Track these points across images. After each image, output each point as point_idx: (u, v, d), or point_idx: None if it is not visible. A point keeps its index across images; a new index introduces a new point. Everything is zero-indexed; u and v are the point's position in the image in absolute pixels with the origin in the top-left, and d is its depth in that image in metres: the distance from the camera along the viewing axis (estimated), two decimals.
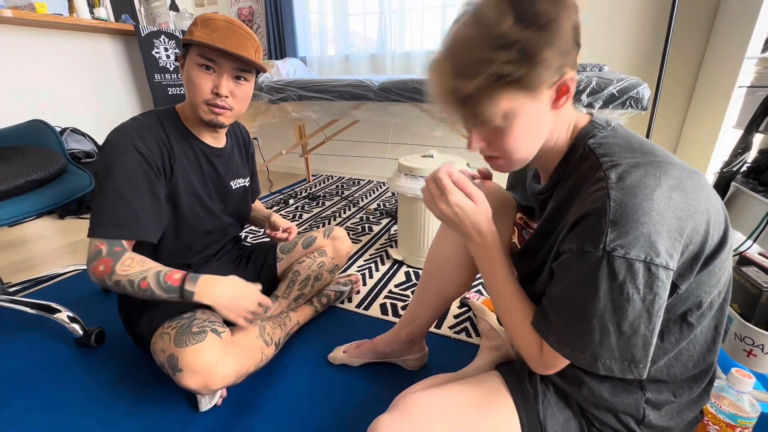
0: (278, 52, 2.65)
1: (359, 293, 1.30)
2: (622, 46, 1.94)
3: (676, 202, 0.42)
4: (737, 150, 0.87)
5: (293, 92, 1.80)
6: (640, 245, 0.41)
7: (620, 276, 0.42)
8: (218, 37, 0.77)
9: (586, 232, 0.45)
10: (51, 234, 1.88)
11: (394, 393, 0.66)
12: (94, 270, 0.74)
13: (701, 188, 0.45)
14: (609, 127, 0.52)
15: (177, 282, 0.75)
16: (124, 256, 0.75)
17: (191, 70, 0.80)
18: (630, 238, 0.41)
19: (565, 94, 0.48)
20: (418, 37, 2.34)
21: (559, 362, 0.52)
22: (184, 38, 0.80)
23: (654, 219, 0.41)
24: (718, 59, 1.65)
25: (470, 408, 0.59)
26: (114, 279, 0.73)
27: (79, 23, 2.05)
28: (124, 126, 0.81)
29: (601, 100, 1.27)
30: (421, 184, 1.31)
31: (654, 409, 0.54)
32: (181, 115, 0.88)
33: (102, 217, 0.75)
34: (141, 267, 0.75)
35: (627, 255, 0.41)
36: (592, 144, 0.50)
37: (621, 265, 0.42)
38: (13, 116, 1.43)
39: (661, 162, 0.45)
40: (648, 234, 0.41)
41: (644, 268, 0.42)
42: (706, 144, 1.63)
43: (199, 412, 0.84)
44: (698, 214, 0.43)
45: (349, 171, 2.89)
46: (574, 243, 0.46)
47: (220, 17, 0.80)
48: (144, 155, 0.78)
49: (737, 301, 0.80)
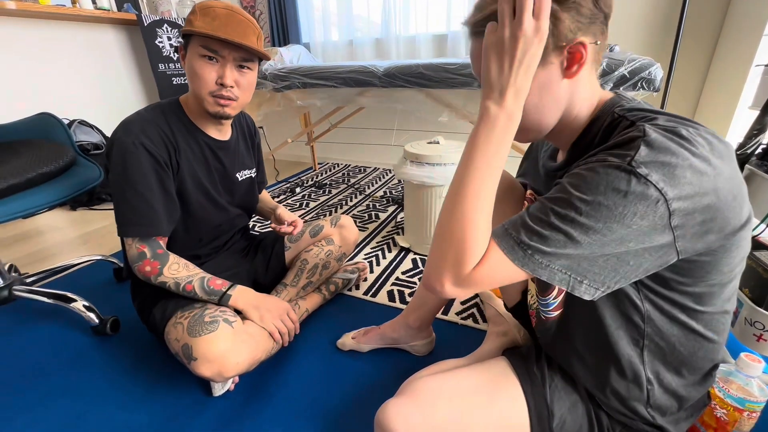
0: (281, 38, 2.62)
1: (366, 280, 1.31)
2: (634, 24, 1.87)
3: (705, 158, 0.40)
4: (752, 131, 0.85)
5: (297, 80, 1.78)
6: (663, 174, 0.39)
7: (630, 189, 0.40)
8: (219, 25, 0.76)
9: (611, 149, 0.43)
10: (64, 225, 1.92)
11: (402, 378, 0.67)
12: (140, 269, 0.82)
13: (729, 158, 0.43)
14: (635, 101, 0.51)
15: (220, 287, 0.86)
16: (170, 261, 0.83)
17: (193, 61, 0.79)
18: (658, 163, 0.39)
19: (578, 62, 0.46)
20: (423, 20, 2.29)
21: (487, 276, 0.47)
22: (183, 29, 0.79)
23: (682, 162, 0.39)
24: (734, 36, 1.59)
25: (478, 392, 0.60)
26: (160, 280, 0.82)
27: (81, 13, 2.04)
28: (128, 123, 0.80)
29: (611, 82, 1.24)
30: (427, 170, 1.30)
31: (658, 389, 0.54)
32: (184, 107, 0.88)
33: (128, 218, 0.79)
34: (186, 272, 0.84)
35: (649, 177, 0.39)
36: (620, 110, 0.49)
37: (638, 182, 0.39)
38: (21, 109, 1.44)
39: (696, 125, 0.43)
40: (674, 167, 0.39)
41: (655, 196, 0.39)
42: (720, 125, 1.59)
43: (213, 397, 0.86)
44: (722, 179, 0.41)
45: (356, 158, 2.88)
46: (593, 158, 0.44)
47: (219, 4, 0.79)
48: (152, 153, 0.79)
49: (748, 285, 0.79)
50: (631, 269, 0.44)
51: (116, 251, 1.55)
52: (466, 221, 0.47)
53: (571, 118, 0.52)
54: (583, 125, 0.52)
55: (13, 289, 1.16)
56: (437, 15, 2.24)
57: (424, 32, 2.30)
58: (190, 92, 0.86)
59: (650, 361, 0.53)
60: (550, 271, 0.45)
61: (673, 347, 0.52)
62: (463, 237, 0.47)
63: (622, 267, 0.44)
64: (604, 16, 0.46)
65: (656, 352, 0.53)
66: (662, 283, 0.48)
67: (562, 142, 0.57)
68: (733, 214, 0.43)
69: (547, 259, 0.44)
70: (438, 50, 2.31)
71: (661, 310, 0.50)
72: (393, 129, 2.55)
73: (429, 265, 0.51)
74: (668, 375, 0.54)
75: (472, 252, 0.46)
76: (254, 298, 0.89)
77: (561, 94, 0.49)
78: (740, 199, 0.43)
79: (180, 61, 0.82)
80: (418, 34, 2.31)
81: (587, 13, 0.44)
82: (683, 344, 0.52)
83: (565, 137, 0.55)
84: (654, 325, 0.51)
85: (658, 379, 0.54)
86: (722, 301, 0.50)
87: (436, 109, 1.62)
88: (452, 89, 1.51)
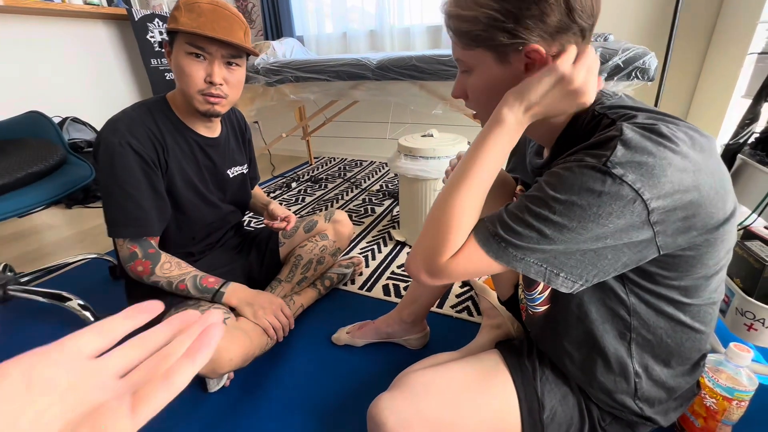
0: (274, 31, 2.59)
1: (362, 275, 1.31)
2: (629, 13, 1.85)
3: (685, 155, 0.40)
4: (745, 121, 0.84)
5: (290, 74, 1.77)
6: (640, 174, 0.39)
7: (605, 190, 0.40)
8: (205, 22, 0.75)
9: (589, 149, 0.43)
10: (60, 224, 1.91)
11: (397, 372, 0.68)
12: (132, 269, 0.82)
13: (711, 151, 0.43)
14: (616, 96, 0.51)
15: (212, 285, 0.86)
16: (162, 260, 0.83)
17: (180, 59, 0.78)
18: (634, 164, 0.39)
19: (537, 66, 0.46)
20: (417, 11, 2.26)
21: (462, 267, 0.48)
22: (168, 26, 0.77)
23: (660, 162, 0.39)
24: (730, 24, 1.57)
25: (469, 386, 0.61)
26: (152, 279, 0.82)
27: (71, 9, 2.01)
28: (114, 122, 0.79)
29: (605, 72, 1.23)
30: (421, 164, 1.30)
31: (646, 381, 0.55)
32: (172, 104, 0.87)
33: (116, 219, 0.79)
34: (179, 271, 0.84)
35: (624, 177, 0.39)
36: (601, 108, 0.49)
37: (612, 182, 0.40)
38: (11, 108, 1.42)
39: (677, 121, 0.44)
40: (652, 167, 0.39)
41: (631, 197, 0.40)
42: (716, 115, 1.58)
43: (208, 393, 0.87)
44: (703, 174, 0.41)
45: (351, 152, 2.87)
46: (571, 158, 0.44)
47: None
48: (139, 152, 0.78)
49: (739, 275, 0.79)
50: (609, 263, 0.44)
51: (111, 249, 1.54)
52: (453, 214, 0.49)
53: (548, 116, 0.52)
54: (563, 123, 0.52)
55: (8, 288, 1.16)
56: (432, 5, 2.22)
57: (419, 23, 2.28)
58: (178, 90, 0.85)
59: (638, 354, 0.54)
60: (525, 264, 0.45)
61: (661, 339, 0.52)
62: (448, 227, 0.48)
63: (600, 261, 0.44)
64: (580, 28, 0.45)
65: (644, 344, 0.53)
66: (647, 277, 0.48)
67: (544, 140, 0.57)
68: (716, 208, 0.43)
69: (521, 252, 0.45)
70: (433, 41, 2.29)
71: (647, 303, 0.50)
72: (388, 122, 2.54)
73: (411, 252, 0.53)
74: (657, 367, 0.54)
75: (452, 244, 0.48)
76: (248, 295, 0.89)
77: None
78: (723, 193, 0.43)
79: (166, 58, 0.80)
80: (413, 25, 2.29)
81: (554, 22, 0.44)
82: (671, 336, 0.52)
83: (545, 135, 0.55)
84: (640, 318, 0.51)
85: (647, 371, 0.54)
86: (709, 293, 0.50)
87: (431, 101, 1.61)
88: (446, 81, 1.50)
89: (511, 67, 0.48)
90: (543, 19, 0.44)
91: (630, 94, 0.56)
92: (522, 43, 0.45)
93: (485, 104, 0.53)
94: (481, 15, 0.45)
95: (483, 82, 0.51)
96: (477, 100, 0.54)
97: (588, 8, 0.44)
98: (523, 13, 0.44)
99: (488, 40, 0.47)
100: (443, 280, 0.50)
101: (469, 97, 0.55)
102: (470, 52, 0.50)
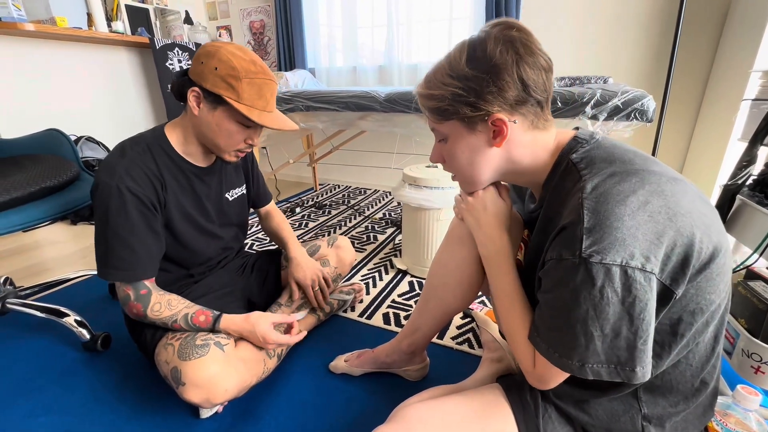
0: (288, 63, 2.71)
1: (362, 302, 1.30)
2: (628, 58, 1.94)
3: (654, 206, 0.43)
4: (742, 163, 0.87)
5: (301, 103, 1.83)
6: (615, 250, 0.42)
7: (598, 281, 0.43)
8: (265, 105, 0.80)
9: (564, 241, 0.46)
10: (64, 239, 1.93)
11: (395, 404, 0.66)
12: (129, 311, 0.82)
13: (683, 193, 0.45)
14: (593, 140, 0.54)
15: (203, 324, 0.82)
16: (152, 301, 0.81)
17: (226, 123, 0.80)
18: (605, 243, 0.42)
19: (501, 134, 0.52)
20: (425, 49, 2.37)
21: (553, 373, 0.52)
22: (226, 93, 0.76)
23: (627, 223, 0.42)
24: (725, 72, 1.64)
25: (468, 420, 0.59)
26: (149, 320, 0.81)
27: (97, 36, 2.13)
28: (112, 165, 0.77)
29: (605, 112, 1.27)
30: (425, 194, 1.32)
31: (653, 425, 0.53)
32: (171, 137, 0.86)
33: (107, 261, 0.78)
34: (170, 312, 0.81)
35: (603, 260, 0.42)
36: (574, 158, 0.52)
37: (598, 270, 0.43)
38: (33, 124, 1.48)
39: (639, 170, 0.47)
40: (623, 238, 0.42)
41: (621, 272, 0.42)
42: (714, 157, 1.61)
43: (201, 419, 0.84)
44: (680, 217, 0.43)
45: (356, 180, 2.91)
46: (554, 252, 0.48)
47: (257, 68, 0.78)
48: (137, 195, 0.77)
49: (744, 316, 0.78)
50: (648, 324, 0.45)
51: None
52: (509, 330, 0.59)
53: (523, 168, 0.57)
54: (546, 169, 0.57)
55: (7, 302, 1.15)
56: (439, 44, 2.33)
57: (426, 61, 2.38)
58: (198, 134, 0.85)
59: (647, 401, 0.53)
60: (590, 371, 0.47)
61: (663, 374, 0.52)
62: (517, 358, 0.57)
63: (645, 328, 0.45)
64: (537, 100, 0.51)
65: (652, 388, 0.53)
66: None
67: (531, 186, 0.63)
68: (702, 245, 0.44)
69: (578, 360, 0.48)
70: None
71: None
72: (393, 152, 2.60)
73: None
74: (658, 405, 0.53)
75: (523, 364, 0.56)
76: (239, 330, 0.84)
77: (491, 156, 0.56)
78: (704, 229, 0.45)
79: (191, 103, 0.79)
80: (420, 62, 2.39)
81: (512, 97, 0.50)
82: (674, 372, 0.52)
83: (533, 180, 0.59)
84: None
85: (648, 411, 0.53)
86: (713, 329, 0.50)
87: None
88: None
89: (481, 135, 0.54)
90: (502, 95, 0.50)
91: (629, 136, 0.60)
92: (486, 114, 0.51)
93: (460, 168, 0.60)
94: (447, 93, 0.52)
95: (457, 148, 0.57)
96: (452, 164, 0.60)
97: (541, 84, 0.51)
98: (483, 90, 0.50)
99: (456, 113, 0.53)
100: (546, 386, 0.55)
101: (446, 162, 0.61)
102: (443, 124, 0.56)
